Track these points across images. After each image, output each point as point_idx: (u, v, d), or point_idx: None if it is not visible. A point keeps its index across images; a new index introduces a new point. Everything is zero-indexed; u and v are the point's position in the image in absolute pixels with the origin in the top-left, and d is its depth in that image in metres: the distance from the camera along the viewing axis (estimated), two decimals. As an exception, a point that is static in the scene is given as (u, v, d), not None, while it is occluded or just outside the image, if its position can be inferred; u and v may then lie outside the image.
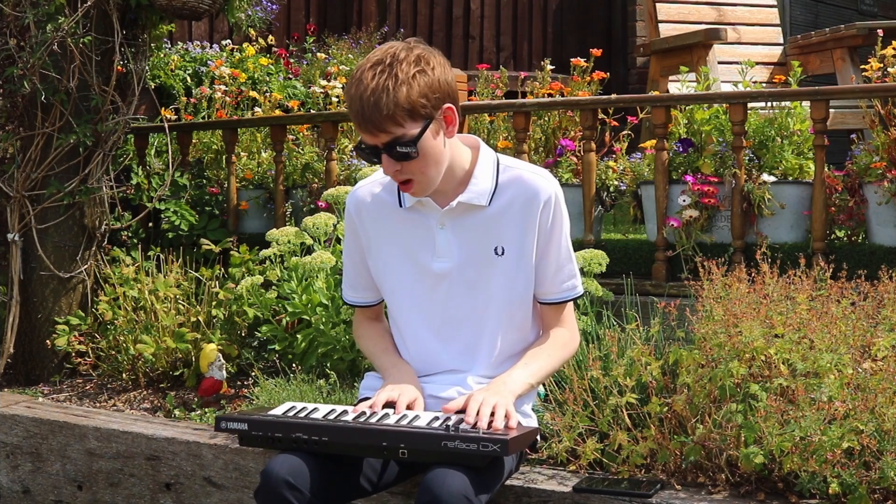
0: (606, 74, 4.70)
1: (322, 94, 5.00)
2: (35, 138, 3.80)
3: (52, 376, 3.82)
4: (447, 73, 2.18)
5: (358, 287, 2.44)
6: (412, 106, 2.10)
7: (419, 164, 2.16)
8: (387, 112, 2.08)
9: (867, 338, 2.49)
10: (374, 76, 2.10)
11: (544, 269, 2.31)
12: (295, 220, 4.16)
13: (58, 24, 3.66)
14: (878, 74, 3.64)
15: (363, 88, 2.09)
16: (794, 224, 3.54)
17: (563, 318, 2.38)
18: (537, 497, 2.41)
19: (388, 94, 2.08)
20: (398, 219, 2.32)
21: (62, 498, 3.20)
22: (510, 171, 2.29)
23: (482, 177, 2.27)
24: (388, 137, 2.12)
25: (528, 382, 2.26)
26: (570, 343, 2.39)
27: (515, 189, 2.27)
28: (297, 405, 2.27)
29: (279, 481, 2.03)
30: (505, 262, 2.28)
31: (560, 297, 2.35)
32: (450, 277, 2.29)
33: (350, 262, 2.43)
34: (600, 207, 3.97)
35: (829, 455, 2.16)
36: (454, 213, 2.27)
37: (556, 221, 2.29)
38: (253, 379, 3.28)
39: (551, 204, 2.27)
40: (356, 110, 2.11)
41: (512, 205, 2.27)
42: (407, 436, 2.05)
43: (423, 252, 2.30)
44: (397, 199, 2.31)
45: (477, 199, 2.26)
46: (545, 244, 2.29)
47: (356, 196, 2.37)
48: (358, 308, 2.49)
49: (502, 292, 2.29)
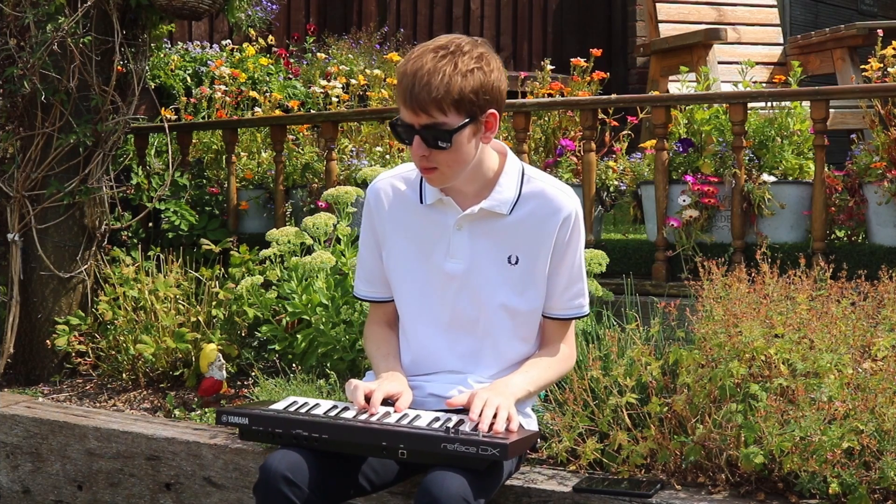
0: (606, 74, 4.71)
1: (322, 94, 5.00)
2: (35, 138, 3.80)
3: (52, 376, 3.82)
4: (502, 80, 2.20)
5: (373, 280, 2.42)
6: (461, 98, 2.11)
7: (447, 157, 2.16)
8: (436, 95, 2.09)
9: (867, 338, 2.49)
10: (434, 58, 2.11)
11: (555, 284, 2.31)
12: (295, 220, 4.16)
13: (58, 24, 3.66)
14: (878, 74, 3.64)
15: (419, 66, 2.10)
16: (794, 224, 3.54)
17: (565, 335, 2.39)
18: (537, 497, 2.41)
19: (443, 78, 2.09)
20: (417, 215, 2.31)
21: (62, 498, 3.20)
22: (534, 183, 2.29)
23: (507, 185, 2.27)
24: (428, 121, 2.12)
25: (528, 389, 2.26)
26: (569, 359, 2.40)
27: (537, 202, 2.27)
28: (300, 400, 2.27)
29: (278, 477, 2.03)
30: (517, 272, 2.28)
31: (567, 314, 2.36)
32: (460, 280, 2.29)
33: (367, 253, 2.41)
34: (600, 207, 3.97)
35: (829, 455, 2.16)
36: (473, 217, 2.27)
37: (572, 239, 2.29)
38: (253, 379, 3.28)
39: (570, 221, 2.27)
40: (406, 85, 2.11)
41: (532, 217, 2.27)
42: (407, 436, 2.05)
43: (437, 251, 2.30)
44: (419, 195, 2.31)
45: (499, 207, 2.26)
46: (559, 260, 2.30)
47: (376, 187, 2.36)
48: (372, 305, 2.47)
49: (511, 302, 2.29)
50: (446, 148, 2.14)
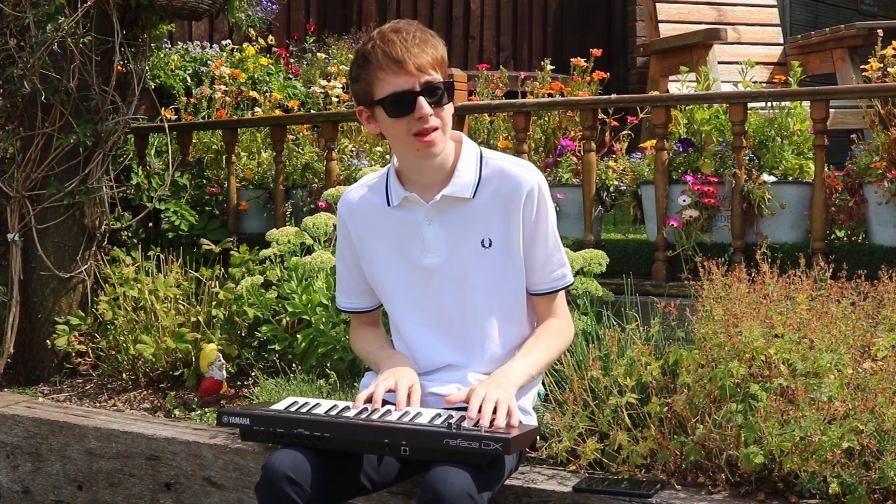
0: (606, 74, 4.71)
1: (322, 94, 5.01)
2: (35, 138, 3.80)
3: (52, 376, 3.82)
4: None
5: (351, 292, 2.45)
6: (443, 59, 2.22)
7: (445, 116, 2.22)
8: (431, 52, 2.18)
9: (867, 338, 2.49)
10: (406, 28, 2.19)
11: (532, 260, 2.32)
12: (295, 220, 4.16)
13: (58, 24, 3.66)
14: (878, 74, 3.64)
15: (402, 33, 2.17)
16: (794, 224, 3.54)
17: (555, 307, 2.39)
18: (537, 497, 2.41)
19: (430, 39, 2.19)
20: (387, 218, 2.33)
21: (62, 498, 3.21)
22: (492, 163, 2.30)
23: (465, 169, 2.29)
24: (429, 78, 2.18)
25: (529, 373, 2.27)
26: (565, 332, 2.40)
27: (498, 181, 2.28)
28: (300, 400, 2.27)
29: (280, 476, 2.03)
30: (493, 254, 2.29)
31: (550, 287, 2.36)
32: (440, 272, 2.30)
33: (343, 267, 2.44)
34: (600, 207, 3.97)
35: (829, 455, 2.16)
36: (440, 207, 2.28)
37: (540, 212, 2.30)
38: (253, 379, 3.28)
39: (534, 195, 2.28)
40: (396, 52, 2.15)
41: (495, 197, 2.28)
42: (409, 433, 2.06)
43: (413, 248, 2.31)
44: (385, 198, 2.33)
45: (461, 191, 2.27)
46: (531, 235, 2.30)
47: (346, 199, 2.39)
48: (353, 315, 2.50)
49: (493, 285, 2.30)
50: (446, 104, 2.21)
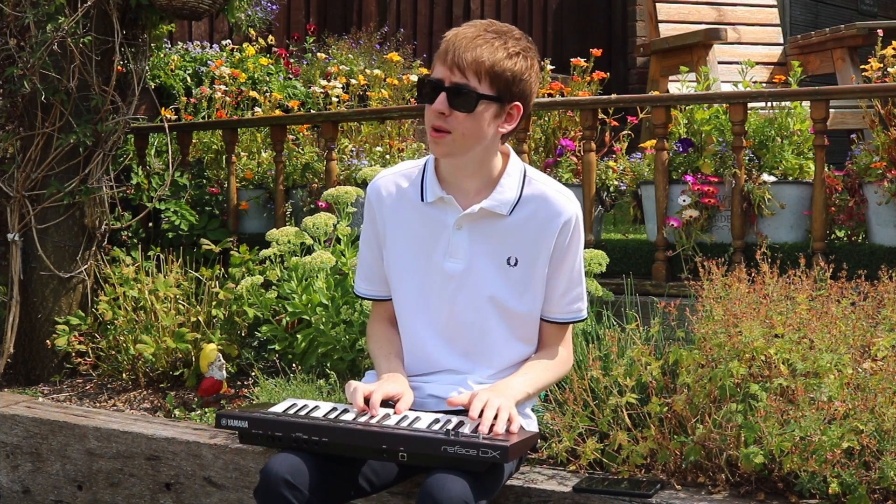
0: (606, 74, 4.71)
1: (322, 94, 5.01)
2: (35, 138, 3.80)
3: (52, 376, 3.82)
4: (536, 81, 2.24)
5: (373, 279, 2.41)
6: (500, 73, 2.14)
7: (464, 125, 2.16)
8: (478, 58, 2.13)
9: (867, 338, 2.49)
10: (487, 30, 2.16)
11: (553, 288, 2.31)
12: (295, 220, 4.16)
13: (58, 24, 3.66)
14: (878, 74, 3.64)
15: (472, 31, 2.15)
16: (794, 224, 3.54)
17: (563, 338, 2.38)
18: (537, 497, 2.41)
19: (490, 48, 2.14)
20: (417, 212, 2.30)
21: (62, 498, 3.20)
22: (536, 186, 2.28)
23: (508, 186, 2.26)
24: (461, 81, 2.14)
25: (526, 392, 2.26)
26: (566, 362, 2.39)
27: (538, 205, 2.26)
28: (299, 402, 2.26)
29: (279, 480, 2.03)
30: (516, 273, 2.28)
31: (565, 318, 2.35)
32: (458, 279, 2.28)
33: (367, 251, 2.41)
34: (600, 207, 3.97)
35: (828, 455, 2.16)
36: (473, 217, 2.26)
37: (572, 243, 2.29)
38: (253, 379, 3.28)
39: (571, 225, 2.27)
40: (451, 42, 2.15)
41: (532, 219, 2.26)
42: (407, 439, 2.05)
43: (437, 250, 2.29)
44: (420, 192, 2.30)
45: (499, 207, 2.26)
46: (558, 264, 2.29)
47: (377, 185, 2.36)
48: (374, 304, 2.46)
49: (509, 303, 2.29)
50: (467, 113, 2.15)
